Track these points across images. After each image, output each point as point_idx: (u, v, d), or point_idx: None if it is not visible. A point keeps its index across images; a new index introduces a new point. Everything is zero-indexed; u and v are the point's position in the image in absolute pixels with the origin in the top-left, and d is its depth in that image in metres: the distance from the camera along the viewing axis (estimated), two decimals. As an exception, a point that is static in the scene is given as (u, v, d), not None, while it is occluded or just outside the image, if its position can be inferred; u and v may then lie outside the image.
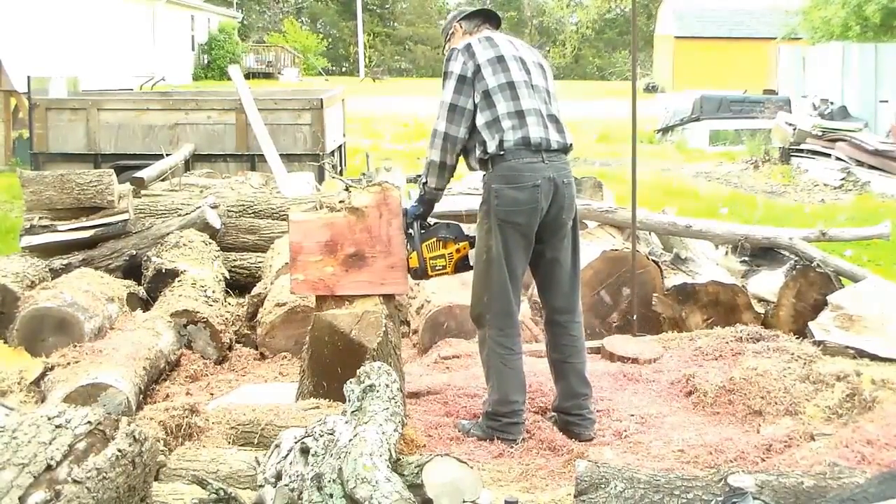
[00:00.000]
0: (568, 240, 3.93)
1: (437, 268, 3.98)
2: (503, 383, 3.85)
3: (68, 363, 4.19)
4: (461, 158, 3.92)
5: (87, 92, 12.59)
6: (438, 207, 4.13)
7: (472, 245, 3.97)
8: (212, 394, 4.47)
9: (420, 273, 4.00)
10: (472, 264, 3.99)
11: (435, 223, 4.08)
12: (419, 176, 4.39)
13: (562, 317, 3.99)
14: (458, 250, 3.98)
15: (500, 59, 3.82)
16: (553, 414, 4.08)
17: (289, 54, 40.52)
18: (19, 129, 13.54)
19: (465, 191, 7.47)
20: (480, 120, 3.77)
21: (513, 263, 3.82)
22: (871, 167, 13.13)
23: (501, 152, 3.74)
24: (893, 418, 3.64)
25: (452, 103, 3.77)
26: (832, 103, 16.36)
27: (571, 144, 3.93)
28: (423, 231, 3.99)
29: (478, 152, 3.81)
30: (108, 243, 6.03)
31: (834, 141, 14.08)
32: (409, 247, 3.95)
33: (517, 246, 3.81)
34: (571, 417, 3.96)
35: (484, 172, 3.83)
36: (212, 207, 6.46)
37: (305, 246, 3.86)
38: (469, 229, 4.03)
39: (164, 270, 5.54)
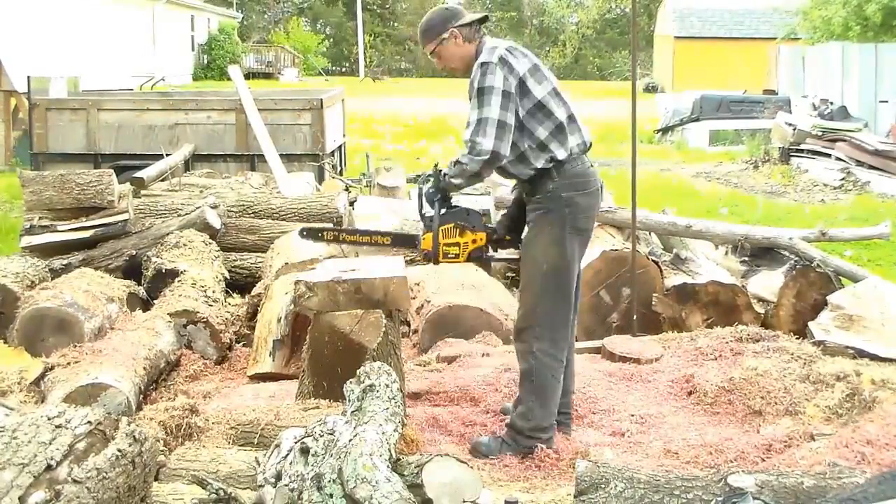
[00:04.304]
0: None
1: (449, 255, 3.82)
2: (550, 399, 3.75)
3: (68, 363, 4.19)
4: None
5: (87, 92, 12.59)
6: None
7: (490, 237, 3.85)
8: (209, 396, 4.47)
9: (431, 257, 3.84)
10: (489, 256, 3.88)
11: (455, 207, 3.87)
12: (419, 176, 4.30)
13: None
14: (474, 241, 3.83)
15: (537, 68, 3.71)
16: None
17: (289, 54, 40.52)
18: (19, 129, 13.53)
19: (466, 191, 7.45)
20: (542, 132, 3.65)
21: (576, 271, 3.77)
22: (871, 167, 13.12)
23: (569, 159, 3.67)
24: (893, 418, 3.64)
25: (501, 120, 3.55)
26: (832, 103, 16.35)
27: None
28: (442, 213, 3.80)
29: (540, 163, 3.66)
30: (108, 243, 6.03)
31: (834, 141, 14.07)
32: (424, 227, 3.82)
33: (581, 254, 3.78)
34: (560, 416, 3.91)
35: (533, 182, 3.69)
36: (212, 207, 6.46)
37: None
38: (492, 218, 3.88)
39: (164, 270, 5.54)
